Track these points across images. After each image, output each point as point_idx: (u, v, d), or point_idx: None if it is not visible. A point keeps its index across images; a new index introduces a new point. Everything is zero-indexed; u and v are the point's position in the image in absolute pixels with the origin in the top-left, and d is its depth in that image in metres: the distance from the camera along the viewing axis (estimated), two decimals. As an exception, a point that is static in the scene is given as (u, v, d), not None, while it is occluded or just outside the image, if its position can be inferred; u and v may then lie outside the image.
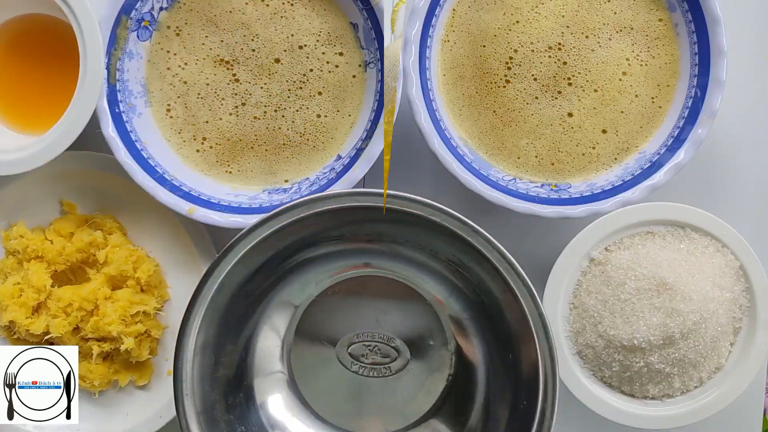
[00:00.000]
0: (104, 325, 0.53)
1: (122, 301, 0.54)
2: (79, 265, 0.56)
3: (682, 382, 0.51)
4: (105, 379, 0.55)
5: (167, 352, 0.57)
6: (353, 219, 0.49)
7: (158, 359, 0.57)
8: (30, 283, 0.54)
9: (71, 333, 0.54)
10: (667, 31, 0.54)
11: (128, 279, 0.55)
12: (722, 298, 0.50)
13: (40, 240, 0.55)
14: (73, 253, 0.54)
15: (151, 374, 0.57)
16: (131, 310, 0.54)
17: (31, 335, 0.54)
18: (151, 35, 0.54)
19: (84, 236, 0.55)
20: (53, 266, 0.55)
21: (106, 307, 0.54)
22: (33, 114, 0.56)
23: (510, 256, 0.46)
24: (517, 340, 0.48)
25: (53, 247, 0.54)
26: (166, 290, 0.57)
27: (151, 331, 0.55)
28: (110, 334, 0.53)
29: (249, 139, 0.55)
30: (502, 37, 0.53)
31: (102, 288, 0.54)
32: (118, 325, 0.53)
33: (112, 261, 0.55)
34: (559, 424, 0.46)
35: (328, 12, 0.54)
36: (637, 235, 0.52)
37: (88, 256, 0.55)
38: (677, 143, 0.52)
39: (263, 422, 0.53)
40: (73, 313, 0.53)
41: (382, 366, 0.54)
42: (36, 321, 0.53)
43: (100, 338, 0.54)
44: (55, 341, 0.54)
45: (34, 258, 0.55)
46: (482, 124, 0.54)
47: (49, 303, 0.54)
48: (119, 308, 0.54)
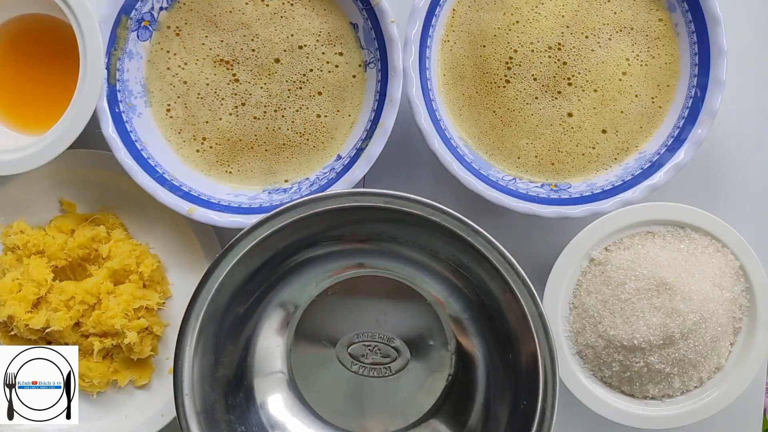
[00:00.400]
0: (107, 318, 0.53)
1: (125, 296, 0.54)
2: (80, 262, 0.55)
3: (682, 382, 0.51)
4: (104, 379, 0.55)
5: (168, 351, 0.56)
6: (353, 219, 0.49)
7: (158, 358, 0.57)
8: (30, 277, 0.53)
9: (71, 329, 0.54)
10: (667, 31, 0.54)
11: (131, 274, 0.55)
12: (722, 298, 0.50)
13: (41, 235, 0.55)
14: (74, 248, 0.54)
15: (151, 374, 0.57)
16: (134, 305, 0.54)
17: (30, 330, 0.53)
18: (151, 35, 0.54)
19: (86, 231, 0.55)
20: (54, 261, 0.54)
21: (109, 301, 0.54)
22: (33, 114, 0.56)
23: (510, 256, 0.46)
24: (517, 340, 0.48)
25: (55, 242, 0.54)
26: (167, 287, 0.57)
27: (153, 327, 0.55)
28: (113, 329, 0.53)
29: (249, 139, 0.55)
30: (502, 37, 0.53)
31: (104, 282, 0.54)
32: (121, 319, 0.53)
33: (115, 255, 0.54)
34: (559, 424, 0.46)
35: (328, 12, 0.54)
36: (637, 235, 0.52)
37: (90, 252, 0.55)
38: (677, 143, 0.52)
39: (263, 422, 0.53)
40: (75, 307, 0.53)
41: (382, 366, 0.54)
42: (36, 315, 0.53)
43: (101, 334, 0.54)
44: (55, 336, 0.54)
45: (35, 253, 0.55)
46: (482, 124, 0.54)
47: (49, 297, 0.54)
48: (122, 302, 0.53)
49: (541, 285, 0.51)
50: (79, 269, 0.56)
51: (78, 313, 0.53)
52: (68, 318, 0.53)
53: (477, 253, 0.47)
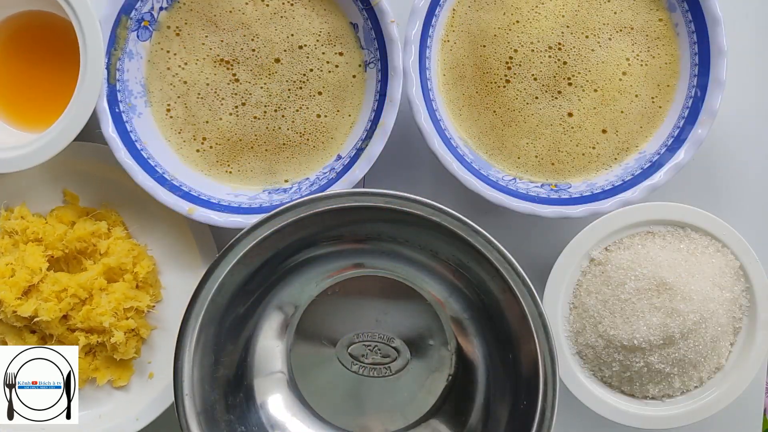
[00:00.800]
0: (96, 315, 0.53)
1: (117, 294, 0.54)
2: (75, 255, 0.55)
3: (682, 382, 0.51)
4: (84, 375, 0.55)
5: (152, 355, 0.56)
6: (353, 219, 0.49)
7: (140, 361, 0.56)
8: (25, 264, 0.53)
9: (59, 321, 0.53)
10: (667, 31, 0.54)
11: (126, 273, 0.55)
12: (722, 298, 0.50)
13: (41, 223, 0.55)
14: (73, 240, 0.54)
15: (131, 375, 0.56)
16: (125, 304, 0.54)
17: (17, 318, 0.53)
18: (151, 35, 0.54)
19: (87, 225, 0.55)
20: (51, 251, 0.54)
21: (101, 298, 0.53)
22: (32, 111, 0.56)
23: (510, 256, 0.46)
24: (517, 340, 0.48)
25: (54, 231, 0.54)
26: (159, 291, 0.57)
27: (140, 329, 0.55)
28: (100, 326, 0.53)
29: (249, 139, 0.55)
30: (502, 37, 0.53)
31: (98, 278, 0.54)
32: (110, 318, 0.53)
33: (113, 252, 0.54)
34: (559, 424, 0.46)
35: (328, 12, 0.54)
36: (637, 235, 0.52)
37: (88, 246, 0.55)
38: (677, 143, 0.52)
39: (263, 422, 0.53)
40: (66, 299, 0.53)
41: (382, 366, 0.54)
42: (25, 303, 0.52)
43: (88, 329, 0.54)
44: (41, 327, 0.53)
45: (33, 240, 0.54)
46: (482, 124, 0.54)
47: (41, 286, 0.53)
48: (113, 300, 0.53)
49: (541, 285, 0.51)
50: (74, 262, 0.56)
51: (68, 305, 0.53)
52: (57, 309, 0.52)
53: (477, 253, 0.47)
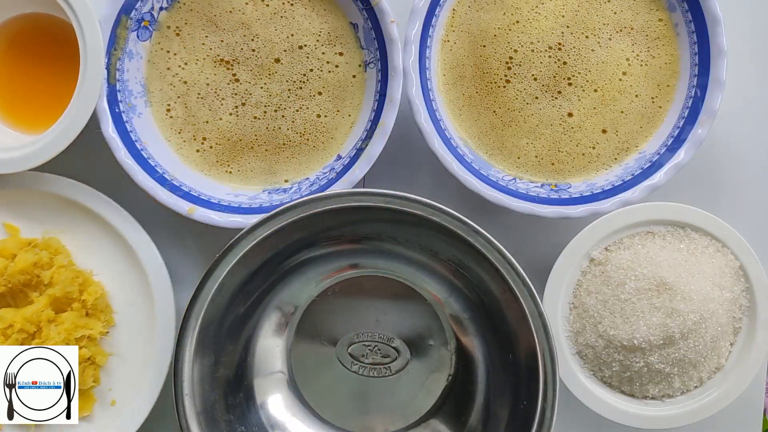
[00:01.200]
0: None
1: (66, 324, 0.52)
2: (21, 288, 0.54)
3: (682, 382, 0.51)
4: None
5: (112, 382, 0.55)
6: (353, 219, 0.49)
7: (101, 389, 0.55)
8: None
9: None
10: (667, 31, 0.54)
11: (73, 302, 0.53)
12: (722, 298, 0.50)
13: None
14: (15, 273, 0.52)
15: (93, 404, 0.54)
16: (76, 334, 0.52)
17: None
18: (151, 35, 0.54)
19: (28, 257, 0.53)
20: None
21: (50, 330, 0.52)
22: (32, 112, 0.56)
23: (510, 256, 0.46)
24: (517, 340, 0.48)
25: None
26: (111, 316, 0.55)
27: (95, 357, 0.53)
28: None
29: (249, 139, 0.55)
30: (502, 37, 0.53)
31: (45, 310, 0.52)
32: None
33: (57, 282, 0.53)
34: (559, 424, 0.46)
35: (328, 12, 0.54)
36: (637, 235, 0.52)
37: (32, 278, 0.53)
38: (677, 143, 0.52)
39: (263, 422, 0.53)
40: (13, 336, 0.52)
41: (382, 366, 0.54)
42: None
43: None
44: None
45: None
46: (482, 124, 0.54)
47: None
48: (63, 331, 0.52)
49: (541, 285, 0.51)
50: (20, 295, 0.54)
51: (17, 341, 0.52)
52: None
53: (477, 253, 0.47)
